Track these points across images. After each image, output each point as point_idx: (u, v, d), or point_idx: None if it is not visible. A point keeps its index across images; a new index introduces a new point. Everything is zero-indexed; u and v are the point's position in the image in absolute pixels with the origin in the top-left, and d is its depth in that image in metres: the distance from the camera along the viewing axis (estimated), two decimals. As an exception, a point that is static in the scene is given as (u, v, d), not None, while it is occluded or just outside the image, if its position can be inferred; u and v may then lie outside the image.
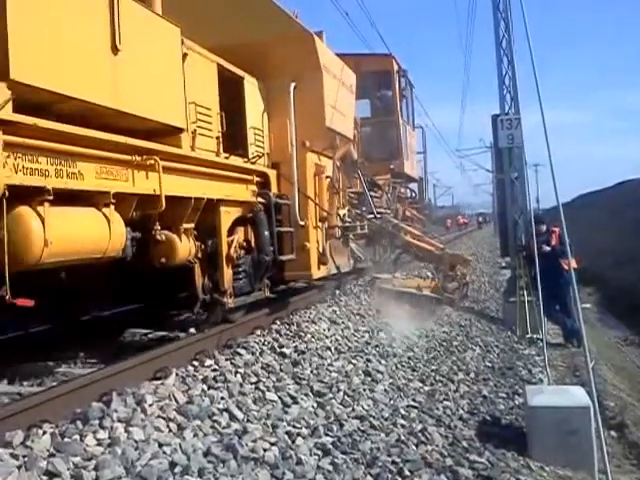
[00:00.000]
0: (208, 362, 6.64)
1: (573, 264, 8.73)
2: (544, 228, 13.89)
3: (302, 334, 8.58)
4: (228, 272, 8.07)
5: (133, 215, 6.24)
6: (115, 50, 5.74)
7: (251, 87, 9.31)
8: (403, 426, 6.69)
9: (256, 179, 8.95)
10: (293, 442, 5.45)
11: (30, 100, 4.85)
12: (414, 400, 7.74)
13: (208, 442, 4.97)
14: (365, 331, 9.96)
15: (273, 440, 5.32)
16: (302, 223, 9.68)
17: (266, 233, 8.73)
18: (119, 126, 6.05)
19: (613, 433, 8.69)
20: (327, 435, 5.82)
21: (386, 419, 6.77)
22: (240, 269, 8.42)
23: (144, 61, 6.28)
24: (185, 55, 7.25)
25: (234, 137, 8.54)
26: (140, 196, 6.24)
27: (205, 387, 6.00)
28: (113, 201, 5.73)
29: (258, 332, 8.26)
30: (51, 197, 4.95)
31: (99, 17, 5.62)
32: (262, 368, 6.92)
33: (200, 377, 6.20)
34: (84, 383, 5.38)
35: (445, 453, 6.23)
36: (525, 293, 14.34)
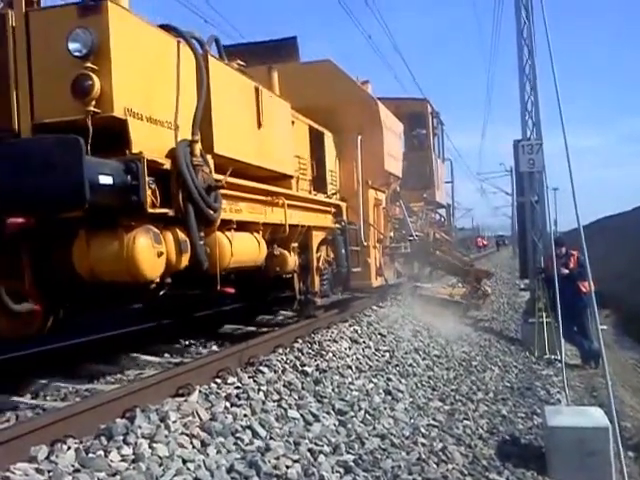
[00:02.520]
0: (231, 379, 6.57)
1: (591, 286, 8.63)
2: (564, 250, 13.77)
3: (324, 353, 8.50)
4: (317, 279, 10.18)
5: (267, 238, 8.35)
6: (259, 126, 8.03)
7: (329, 139, 11.71)
8: (424, 445, 6.60)
9: (333, 210, 11.24)
10: (315, 459, 5.37)
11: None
12: (434, 419, 7.64)
13: (231, 459, 4.91)
14: (386, 350, 9.86)
15: (295, 457, 5.25)
16: (365, 244, 12.18)
17: (342, 251, 11.11)
18: (257, 175, 8.16)
19: (631, 454, 8.53)
20: (349, 453, 5.74)
21: (407, 437, 6.68)
22: (324, 277, 10.53)
23: (273, 130, 8.48)
24: (293, 122, 9.61)
25: (318, 178, 11.08)
26: (273, 225, 8.52)
27: (228, 404, 5.93)
28: (261, 228, 8.08)
29: (280, 350, 8.18)
30: (235, 226, 7.26)
31: (251, 105, 7.94)
32: (284, 386, 6.84)
33: (223, 394, 6.13)
34: (108, 399, 5.34)
35: (465, 472, 6.16)
36: (544, 314, 14.23)
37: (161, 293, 6.35)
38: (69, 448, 4.43)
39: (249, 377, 6.80)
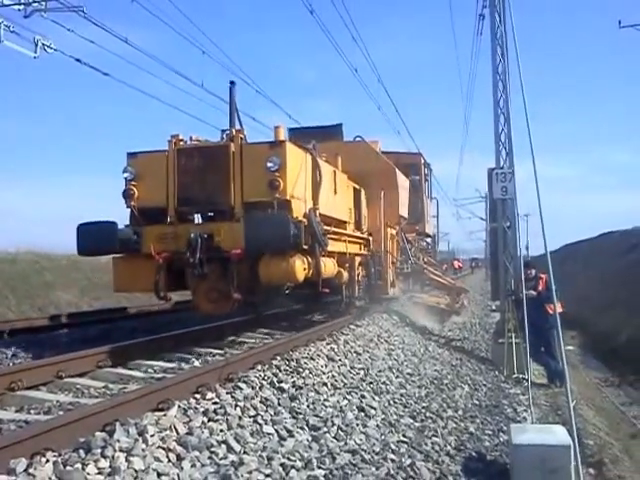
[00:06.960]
0: (210, 395, 6.52)
1: (558, 308, 8.65)
2: (533, 273, 13.84)
3: (301, 370, 8.43)
4: (357, 288, 14.24)
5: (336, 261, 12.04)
6: (335, 192, 12.35)
7: (363, 194, 15.63)
8: (393, 460, 6.55)
9: (364, 242, 15.12)
10: (287, 474, 5.33)
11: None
12: (404, 435, 7.59)
13: (205, 472, 4.87)
14: (360, 368, 9.81)
15: (268, 472, 5.21)
16: (385, 265, 16.48)
17: (372, 270, 15.38)
18: (330, 222, 11.64)
19: (592, 471, 8.52)
20: (320, 468, 5.69)
21: (377, 453, 6.62)
22: (361, 287, 14.60)
23: (340, 194, 12.84)
24: (347, 186, 13.85)
25: (357, 221, 14.90)
26: (339, 253, 12.29)
27: (205, 419, 5.88)
28: (335, 255, 11.93)
29: (259, 367, 8.12)
30: (326, 254, 10.97)
31: (332, 181, 12.10)
32: (261, 402, 6.78)
33: (201, 409, 6.07)
34: (88, 413, 5.28)
35: (432, 488, 6.09)
36: (513, 335, 14.25)
37: (287, 292, 11.32)
38: (48, 461, 4.37)
39: (227, 393, 6.74)
